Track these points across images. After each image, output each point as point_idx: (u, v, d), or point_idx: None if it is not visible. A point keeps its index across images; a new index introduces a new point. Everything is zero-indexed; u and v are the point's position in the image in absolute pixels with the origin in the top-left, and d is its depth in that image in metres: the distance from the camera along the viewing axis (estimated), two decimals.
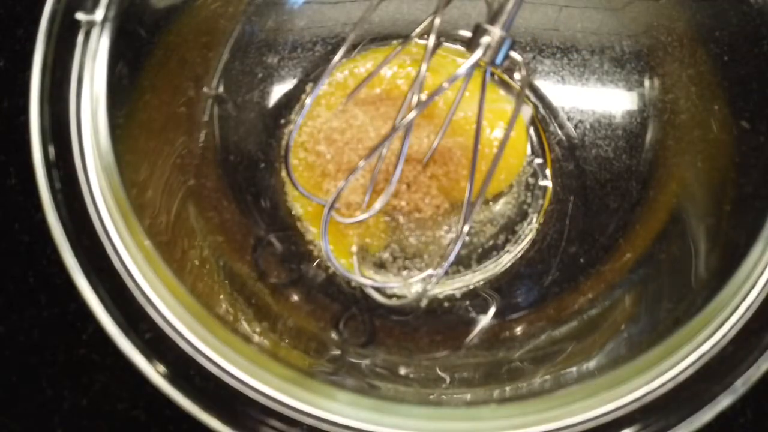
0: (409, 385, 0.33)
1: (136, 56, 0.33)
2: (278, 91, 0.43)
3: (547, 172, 0.42)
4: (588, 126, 0.42)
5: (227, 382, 0.28)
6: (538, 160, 0.42)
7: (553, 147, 0.42)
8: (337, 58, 0.38)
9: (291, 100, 0.43)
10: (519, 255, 0.41)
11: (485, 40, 0.32)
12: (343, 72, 0.43)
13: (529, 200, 0.42)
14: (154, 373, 0.27)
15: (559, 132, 0.42)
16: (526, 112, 0.43)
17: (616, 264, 0.38)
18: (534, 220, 0.42)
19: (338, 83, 0.43)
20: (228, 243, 0.38)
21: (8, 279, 0.40)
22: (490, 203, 0.42)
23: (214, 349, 0.28)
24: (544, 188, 0.42)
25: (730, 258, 0.30)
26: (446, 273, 0.40)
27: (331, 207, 0.34)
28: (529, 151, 0.42)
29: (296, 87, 0.43)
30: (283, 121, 0.43)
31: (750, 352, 0.27)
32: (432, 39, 0.34)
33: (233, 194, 0.40)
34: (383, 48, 0.43)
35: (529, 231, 0.41)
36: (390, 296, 0.40)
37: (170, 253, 0.32)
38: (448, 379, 0.34)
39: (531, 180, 0.42)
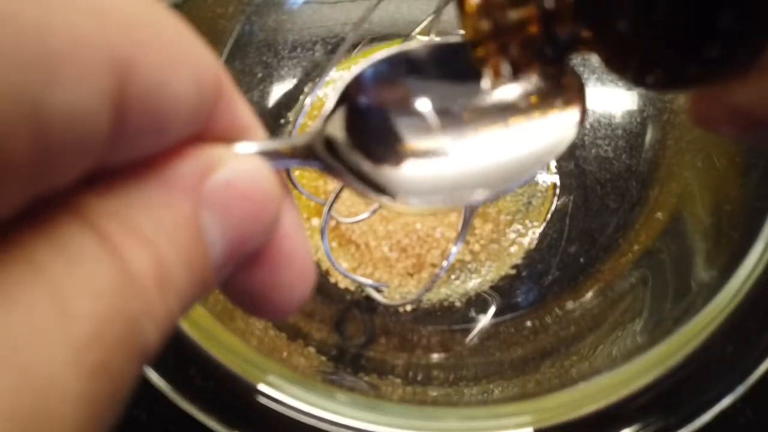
0: (408, 385, 0.33)
1: None
2: (278, 90, 0.43)
3: (553, 168, 0.42)
4: (588, 126, 0.42)
5: (227, 382, 0.28)
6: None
7: None
8: (336, 57, 0.38)
9: (291, 100, 0.43)
10: (521, 255, 0.41)
11: None
12: (344, 71, 0.43)
13: (532, 199, 0.42)
14: (154, 373, 0.27)
15: None
16: None
17: (616, 264, 0.38)
18: (537, 219, 0.42)
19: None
20: None
21: None
22: (492, 202, 0.42)
23: (214, 349, 0.28)
24: (547, 187, 0.42)
25: (730, 258, 0.30)
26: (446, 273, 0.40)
27: (331, 207, 0.34)
28: None
29: (296, 87, 0.43)
30: (282, 121, 0.43)
31: (750, 352, 0.27)
32: (432, 39, 0.34)
33: None
34: (384, 46, 0.43)
35: (532, 230, 0.41)
36: (390, 296, 0.40)
37: None
38: (447, 379, 0.34)
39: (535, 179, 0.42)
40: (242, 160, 0.12)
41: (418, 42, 0.17)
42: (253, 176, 0.12)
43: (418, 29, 0.37)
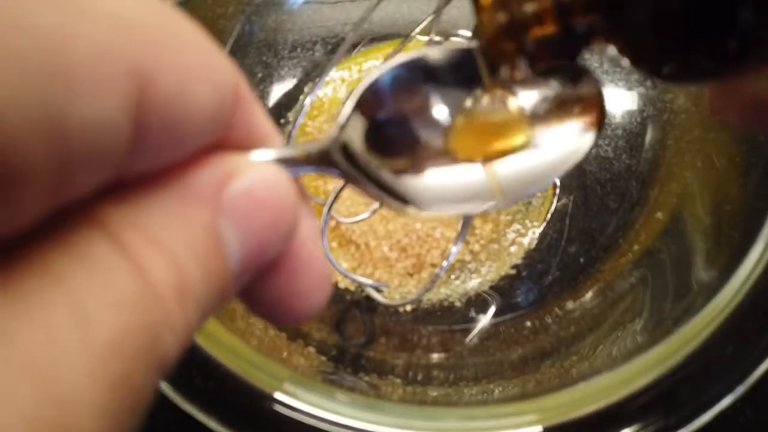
0: (408, 385, 0.33)
1: None
2: (278, 90, 0.43)
3: None
4: None
5: (227, 382, 0.28)
6: None
7: None
8: (336, 57, 0.38)
9: (291, 100, 0.43)
10: (521, 255, 0.41)
11: None
12: (344, 71, 0.43)
13: (532, 199, 0.42)
14: None
15: None
16: None
17: (616, 264, 0.38)
18: (537, 219, 0.42)
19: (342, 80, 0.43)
20: None
21: None
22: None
23: (214, 349, 0.28)
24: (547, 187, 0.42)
25: (730, 258, 0.30)
26: (446, 273, 0.40)
27: (331, 207, 0.34)
28: None
29: (296, 87, 0.43)
30: (282, 121, 0.43)
31: (750, 352, 0.27)
32: (432, 38, 0.34)
33: None
34: (383, 45, 0.43)
35: (532, 230, 0.41)
36: (390, 296, 0.40)
37: None
38: (447, 379, 0.34)
39: None
40: (260, 169, 0.12)
41: (419, 42, 0.17)
42: (271, 184, 0.12)
43: (418, 29, 0.37)
